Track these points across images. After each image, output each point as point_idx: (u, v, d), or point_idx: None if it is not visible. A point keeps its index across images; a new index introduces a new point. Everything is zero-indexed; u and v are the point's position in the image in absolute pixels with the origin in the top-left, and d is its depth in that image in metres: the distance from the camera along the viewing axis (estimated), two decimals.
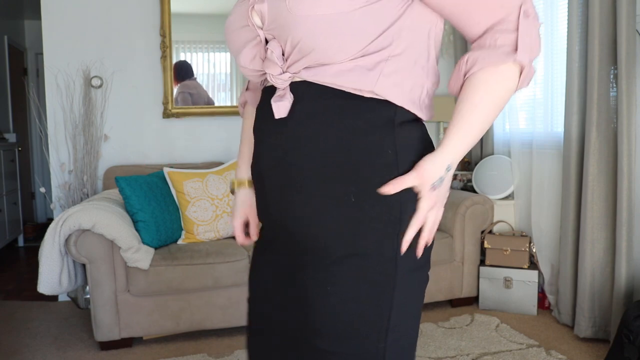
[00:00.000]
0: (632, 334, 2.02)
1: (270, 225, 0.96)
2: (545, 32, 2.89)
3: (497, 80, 0.81)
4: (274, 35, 0.82)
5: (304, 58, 0.80)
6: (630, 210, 2.37)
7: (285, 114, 0.83)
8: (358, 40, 0.79)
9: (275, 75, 0.83)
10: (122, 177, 2.67)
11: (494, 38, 0.81)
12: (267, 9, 0.81)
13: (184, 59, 3.42)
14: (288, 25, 0.79)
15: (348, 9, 0.76)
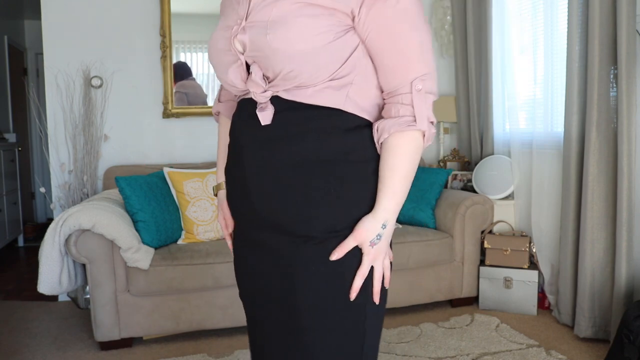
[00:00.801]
0: (632, 334, 2.02)
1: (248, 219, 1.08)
2: (545, 32, 2.89)
3: (406, 142, 0.99)
4: (255, 60, 0.98)
5: (283, 82, 0.97)
6: (630, 210, 2.37)
7: (270, 121, 0.99)
8: (327, 69, 0.96)
9: (258, 93, 0.99)
10: (122, 177, 2.67)
11: (397, 109, 0.99)
12: (249, 40, 0.97)
13: (183, 59, 3.43)
14: (269, 57, 0.95)
15: (319, 45, 0.94)
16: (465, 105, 3.68)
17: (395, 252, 2.87)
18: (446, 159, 3.69)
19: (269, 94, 0.99)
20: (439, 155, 3.82)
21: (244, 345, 2.60)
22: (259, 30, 0.96)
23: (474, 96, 3.55)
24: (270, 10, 0.96)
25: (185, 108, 3.41)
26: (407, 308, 3.04)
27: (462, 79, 3.66)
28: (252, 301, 1.13)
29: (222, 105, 1.27)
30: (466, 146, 3.69)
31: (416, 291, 2.95)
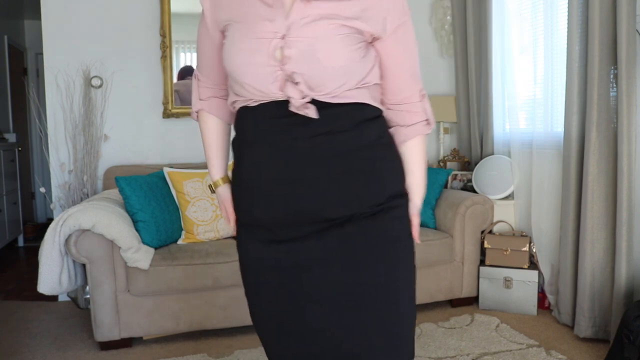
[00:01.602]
0: (632, 334, 2.02)
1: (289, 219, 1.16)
2: (545, 32, 2.89)
3: (421, 140, 1.29)
4: (296, 71, 1.09)
5: (322, 90, 1.11)
6: (630, 210, 2.37)
7: (317, 116, 1.11)
8: (356, 79, 1.14)
9: (295, 99, 1.10)
10: (122, 177, 2.67)
11: (411, 116, 1.27)
12: (296, 54, 1.09)
13: (183, 59, 3.42)
14: (315, 70, 1.09)
15: (355, 60, 1.12)
16: (465, 105, 3.68)
17: None
18: (446, 159, 3.69)
19: (307, 99, 1.11)
20: (439, 155, 3.82)
21: (244, 345, 2.60)
22: (305, 46, 1.09)
23: (474, 96, 3.55)
24: (314, 29, 1.09)
25: (185, 108, 3.41)
26: None
27: (462, 79, 3.66)
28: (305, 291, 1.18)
29: (205, 103, 1.34)
30: (466, 146, 3.69)
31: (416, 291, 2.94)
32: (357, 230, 1.16)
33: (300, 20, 1.09)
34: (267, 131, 1.15)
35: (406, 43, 1.19)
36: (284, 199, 1.15)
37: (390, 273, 1.18)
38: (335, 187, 1.13)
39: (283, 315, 1.20)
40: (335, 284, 1.16)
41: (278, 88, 1.11)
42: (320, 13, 1.09)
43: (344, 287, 1.15)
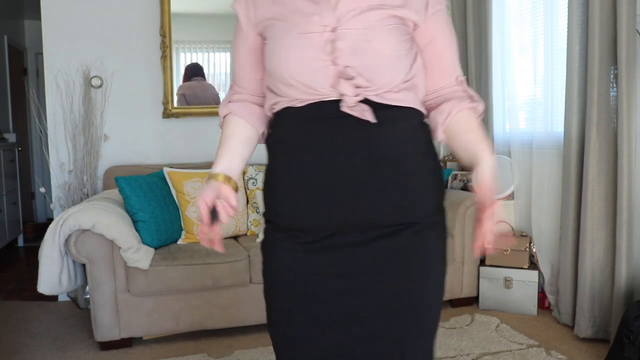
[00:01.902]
0: (632, 334, 2.02)
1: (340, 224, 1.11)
2: (545, 32, 2.89)
3: (471, 113, 1.19)
4: (349, 65, 1.06)
5: (375, 86, 1.07)
6: (631, 210, 2.37)
7: (375, 119, 1.06)
8: (403, 72, 1.10)
9: (350, 96, 1.05)
10: (122, 177, 2.67)
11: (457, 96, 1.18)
12: (350, 46, 1.06)
13: (183, 59, 3.43)
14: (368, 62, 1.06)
15: (403, 52, 1.10)
16: None
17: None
18: (446, 159, 3.69)
19: (360, 97, 1.06)
20: (438, 155, 3.82)
21: (244, 345, 2.60)
22: (358, 37, 1.06)
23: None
24: (364, 20, 1.07)
25: (185, 108, 3.41)
26: None
27: None
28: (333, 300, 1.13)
29: (235, 105, 1.24)
30: None
31: None
32: (403, 243, 1.11)
33: (348, 13, 1.07)
34: (315, 132, 1.10)
35: (445, 30, 1.17)
36: (333, 205, 1.10)
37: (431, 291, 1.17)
38: (386, 194, 1.09)
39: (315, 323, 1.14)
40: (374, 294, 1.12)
41: (330, 85, 1.07)
42: (368, 4, 1.08)
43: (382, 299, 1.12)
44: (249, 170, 3.08)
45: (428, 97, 1.20)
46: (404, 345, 1.14)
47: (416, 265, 1.13)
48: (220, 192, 1.14)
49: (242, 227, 2.96)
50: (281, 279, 1.17)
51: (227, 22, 3.46)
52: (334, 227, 1.11)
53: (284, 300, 1.17)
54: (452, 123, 1.16)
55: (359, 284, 1.12)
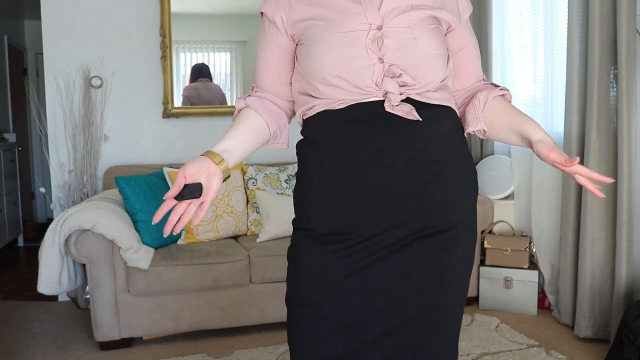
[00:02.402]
0: (632, 334, 2.02)
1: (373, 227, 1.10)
2: (545, 32, 2.89)
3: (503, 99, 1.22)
4: (393, 63, 1.07)
5: (418, 84, 1.08)
6: (631, 210, 2.37)
7: (420, 118, 1.07)
8: (441, 72, 1.13)
9: (395, 94, 1.06)
10: (122, 177, 2.67)
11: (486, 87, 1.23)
12: (395, 43, 1.08)
13: (183, 59, 3.43)
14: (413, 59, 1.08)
15: (443, 51, 1.13)
16: None
17: None
18: None
19: (404, 96, 1.08)
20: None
21: (244, 345, 2.60)
22: (404, 34, 1.08)
23: None
24: (408, 18, 1.09)
25: (185, 108, 3.41)
26: None
27: None
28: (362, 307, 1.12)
29: (252, 99, 1.21)
30: None
31: None
32: (437, 246, 1.12)
33: (392, 11, 1.09)
34: (356, 134, 1.08)
35: (474, 39, 1.23)
36: (377, 208, 1.09)
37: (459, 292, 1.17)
38: (428, 197, 1.09)
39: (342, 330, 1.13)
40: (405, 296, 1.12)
41: (375, 83, 1.07)
42: (410, 4, 1.11)
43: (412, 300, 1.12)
44: (249, 171, 3.08)
45: (457, 94, 1.24)
46: (431, 343, 1.14)
47: (447, 268, 1.13)
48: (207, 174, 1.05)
49: (242, 227, 2.95)
50: (310, 285, 1.13)
51: (227, 22, 3.47)
52: (374, 230, 1.10)
53: (311, 306, 1.14)
54: (490, 109, 1.18)
55: (389, 288, 1.11)
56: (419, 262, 1.11)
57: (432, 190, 1.10)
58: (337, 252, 1.12)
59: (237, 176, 3.00)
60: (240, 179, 3.01)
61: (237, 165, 3.05)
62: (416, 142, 1.08)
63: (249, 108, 1.19)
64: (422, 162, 1.08)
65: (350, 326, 1.13)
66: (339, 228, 1.11)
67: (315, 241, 1.13)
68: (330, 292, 1.12)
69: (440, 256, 1.12)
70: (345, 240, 1.11)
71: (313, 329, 1.13)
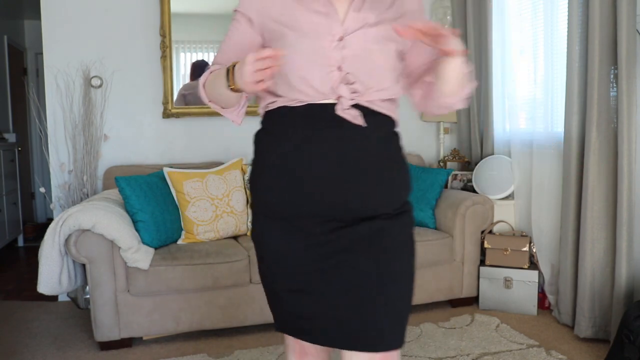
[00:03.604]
0: (633, 334, 2.02)
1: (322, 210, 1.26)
2: (545, 32, 2.89)
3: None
4: (348, 72, 1.22)
5: (368, 92, 1.24)
6: (631, 210, 2.37)
7: (364, 123, 1.23)
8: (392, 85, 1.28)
9: (346, 99, 1.22)
10: (122, 177, 2.66)
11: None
12: (351, 55, 1.22)
13: (183, 59, 3.42)
14: (365, 70, 1.23)
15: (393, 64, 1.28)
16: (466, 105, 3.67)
17: None
18: (446, 159, 3.69)
19: (354, 101, 1.23)
20: (439, 156, 3.81)
21: (244, 345, 2.60)
22: (361, 48, 1.23)
23: (474, 96, 3.54)
24: (366, 34, 1.24)
25: (185, 108, 3.41)
26: None
27: None
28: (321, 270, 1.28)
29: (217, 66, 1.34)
30: (466, 146, 3.69)
31: (416, 291, 2.92)
32: (381, 226, 1.27)
33: (354, 26, 1.24)
34: (310, 130, 1.24)
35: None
36: (325, 195, 1.24)
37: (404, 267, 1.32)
38: (372, 187, 1.26)
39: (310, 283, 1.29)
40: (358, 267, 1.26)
41: (331, 87, 1.22)
42: (369, 21, 1.25)
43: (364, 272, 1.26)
44: (248, 170, 3.08)
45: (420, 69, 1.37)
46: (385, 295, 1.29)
47: (392, 241, 1.29)
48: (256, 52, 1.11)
49: (242, 227, 2.95)
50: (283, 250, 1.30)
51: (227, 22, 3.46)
52: (325, 214, 1.26)
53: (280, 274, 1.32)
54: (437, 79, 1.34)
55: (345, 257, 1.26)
56: (367, 237, 1.26)
57: (371, 184, 1.26)
58: (293, 232, 1.28)
59: (237, 176, 3.00)
60: (240, 179, 3.01)
61: (237, 165, 3.05)
62: (358, 142, 1.23)
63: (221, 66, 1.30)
64: (362, 161, 1.24)
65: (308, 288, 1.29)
66: (292, 211, 1.27)
67: (273, 221, 1.30)
68: (290, 261, 1.30)
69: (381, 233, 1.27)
70: (298, 221, 1.28)
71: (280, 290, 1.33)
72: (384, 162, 1.28)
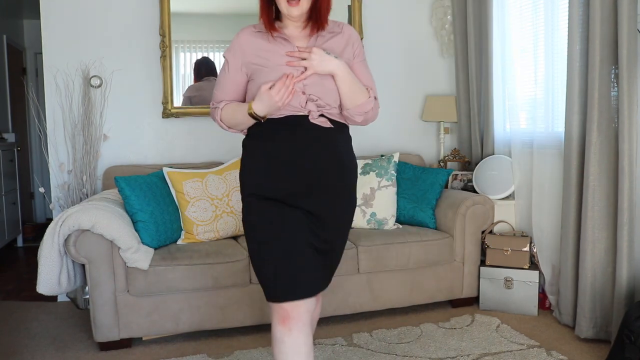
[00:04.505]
0: (633, 335, 2.01)
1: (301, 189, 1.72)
2: (545, 31, 2.89)
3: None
4: (312, 93, 1.70)
5: (328, 107, 1.73)
6: (631, 210, 2.36)
7: (331, 125, 1.74)
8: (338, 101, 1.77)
9: (314, 112, 1.71)
10: (121, 177, 2.66)
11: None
12: (310, 83, 1.70)
13: (183, 58, 3.41)
14: (324, 92, 1.71)
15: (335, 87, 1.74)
16: (466, 105, 3.67)
17: (396, 252, 2.86)
18: (446, 159, 3.68)
19: (320, 112, 1.72)
20: (439, 155, 3.81)
21: (244, 346, 2.59)
22: (316, 78, 1.70)
23: (475, 96, 3.54)
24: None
25: (185, 108, 3.40)
26: (408, 308, 3.04)
27: (463, 79, 3.66)
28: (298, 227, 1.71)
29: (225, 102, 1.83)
30: (467, 146, 3.69)
31: (416, 291, 2.94)
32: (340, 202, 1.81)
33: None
34: (288, 132, 1.70)
35: (363, 68, 1.84)
36: (302, 176, 1.71)
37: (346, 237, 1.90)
38: (334, 173, 1.75)
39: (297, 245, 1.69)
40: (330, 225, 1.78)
41: (301, 105, 1.69)
42: None
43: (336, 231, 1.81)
44: None
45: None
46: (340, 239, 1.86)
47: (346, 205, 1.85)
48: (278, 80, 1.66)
49: (241, 227, 2.94)
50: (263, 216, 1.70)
51: (227, 21, 3.46)
52: (296, 192, 1.71)
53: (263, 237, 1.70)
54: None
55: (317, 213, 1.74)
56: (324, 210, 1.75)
57: (333, 170, 1.74)
58: (275, 206, 1.70)
59: (237, 176, 2.99)
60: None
61: (237, 165, 3.04)
62: (326, 141, 1.73)
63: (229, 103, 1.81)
64: (328, 154, 1.73)
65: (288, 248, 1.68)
66: (275, 193, 1.71)
67: (259, 200, 1.72)
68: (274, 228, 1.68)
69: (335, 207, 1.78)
70: (279, 200, 1.71)
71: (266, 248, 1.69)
72: (344, 154, 1.78)
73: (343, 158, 1.77)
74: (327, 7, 1.72)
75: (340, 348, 2.55)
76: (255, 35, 1.75)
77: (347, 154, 1.81)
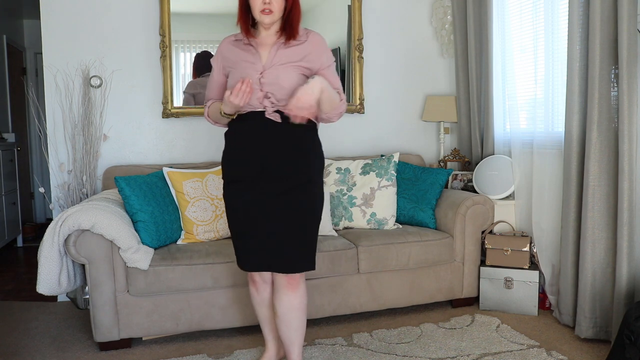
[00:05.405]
0: (634, 335, 2.01)
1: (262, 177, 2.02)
2: (545, 31, 2.89)
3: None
4: (268, 91, 1.97)
5: (282, 103, 1.96)
6: (632, 210, 2.36)
7: (281, 121, 1.98)
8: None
9: (270, 108, 1.97)
10: (121, 177, 2.66)
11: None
12: (267, 81, 1.97)
13: (183, 58, 3.41)
14: (278, 90, 1.97)
15: (298, 84, 1.96)
16: (466, 105, 3.67)
17: (396, 252, 2.86)
18: (446, 159, 3.68)
19: (275, 108, 1.97)
20: (439, 155, 3.81)
21: (244, 346, 2.59)
22: (273, 76, 1.97)
23: (475, 96, 3.54)
24: (277, 67, 1.99)
25: (185, 108, 3.40)
26: (408, 308, 3.04)
27: (463, 79, 3.66)
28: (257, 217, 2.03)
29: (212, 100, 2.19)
30: (467, 146, 3.69)
31: (416, 291, 2.94)
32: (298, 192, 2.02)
33: (270, 63, 2.00)
34: (251, 126, 2.01)
35: (332, 74, 2.06)
36: (260, 165, 2.00)
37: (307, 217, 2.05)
38: (291, 161, 2.00)
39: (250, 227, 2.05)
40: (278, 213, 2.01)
41: (259, 102, 1.98)
42: (280, 60, 2.00)
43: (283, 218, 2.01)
44: None
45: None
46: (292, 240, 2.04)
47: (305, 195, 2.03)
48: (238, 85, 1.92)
49: None
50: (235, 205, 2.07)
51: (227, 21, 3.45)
52: (260, 177, 2.00)
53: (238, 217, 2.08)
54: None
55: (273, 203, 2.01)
56: (288, 190, 2.00)
57: (290, 159, 2.00)
58: (242, 189, 2.04)
59: None
60: None
61: None
62: (281, 133, 1.98)
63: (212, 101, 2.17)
64: (284, 143, 1.99)
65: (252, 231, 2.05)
66: (237, 176, 2.05)
67: (229, 183, 2.08)
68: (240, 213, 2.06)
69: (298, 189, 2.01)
70: (245, 184, 2.03)
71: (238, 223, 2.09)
72: (301, 144, 2.01)
73: (292, 144, 1.99)
74: (297, 18, 1.99)
75: (340, 348, 2.55)
76: (233, 43, 2.09)
77: (301, 142, 2.02)
